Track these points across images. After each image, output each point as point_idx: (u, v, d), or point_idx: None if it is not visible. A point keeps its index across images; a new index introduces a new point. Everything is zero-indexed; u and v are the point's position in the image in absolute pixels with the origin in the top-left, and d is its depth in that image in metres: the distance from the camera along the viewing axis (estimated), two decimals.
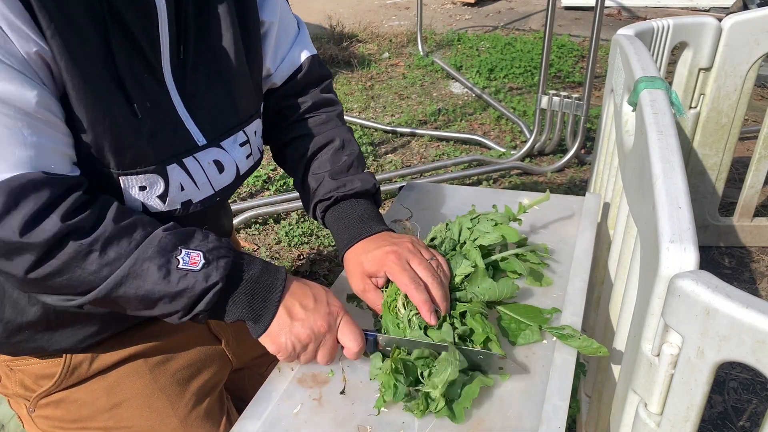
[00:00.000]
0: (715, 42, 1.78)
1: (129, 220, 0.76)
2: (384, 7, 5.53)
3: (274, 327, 0.81)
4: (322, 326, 0.82)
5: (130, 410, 0.96)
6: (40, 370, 0.94)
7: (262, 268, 0.82)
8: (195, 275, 0.76)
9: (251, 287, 0.80)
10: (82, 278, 0.73)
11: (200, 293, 0.76)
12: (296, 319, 0.81)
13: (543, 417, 0.77)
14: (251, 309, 0.80)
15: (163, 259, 0.75)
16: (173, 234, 0.78)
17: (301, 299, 0.83)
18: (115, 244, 0.74)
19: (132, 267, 0.74)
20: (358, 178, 1.00)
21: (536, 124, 2.76)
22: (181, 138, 0.86)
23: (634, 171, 0.98)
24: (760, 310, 0.54)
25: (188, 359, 1.02)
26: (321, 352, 0.84)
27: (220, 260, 0.77)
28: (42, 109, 0.69)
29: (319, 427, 0.78)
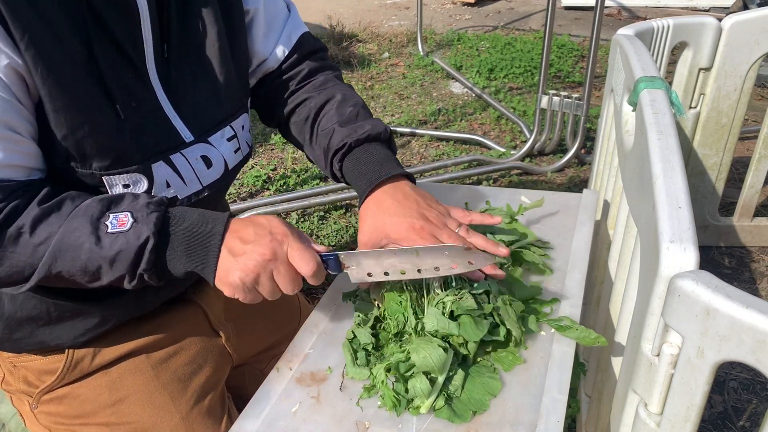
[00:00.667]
0: (715, 42, 1.78)
1: (57, 198, 0.76)
2: (384, 7, 5.53)
3: (221, 269, 0.78)
4: (265, 253, 0.78)
5: (132, 406, 0.96)
6: (42, 366, 0.95)
7: (199, 217, 0.80)
8: (126, 236, 0.75)
9: (188, 237, 0.78)
10: (21, 262, 0.74)
11: (136, 252, 0.75)
12: (238, 254, 0.78)
13: (542, 410, 0.77)
14: (193, 258, 0.78)
15: (92, 226, 0.74)
16: (100, 201, 0.77)
17: (241, 235, 0.79)
18: (44, 222, 0.74)
19: (62, 240, 0.74)
20: (367, 123, 0.98)
21: (536, 124, 2.76)
22: (167, 135, 0.86)
23: (634, 171, 0.98)
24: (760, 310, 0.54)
25: (190, 355, 1.03)
26: (279, 282, 0.80)
27: (150, 215, 0.76)
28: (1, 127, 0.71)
29: (318, 425, 0.78)
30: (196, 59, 0.91)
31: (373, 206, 0.91)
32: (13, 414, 1.17)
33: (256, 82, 1.09)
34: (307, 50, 1.08)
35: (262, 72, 1.07)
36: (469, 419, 0.77)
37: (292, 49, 1.06)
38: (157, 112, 0.86)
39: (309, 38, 1.09)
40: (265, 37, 1.03)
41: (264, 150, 3.00)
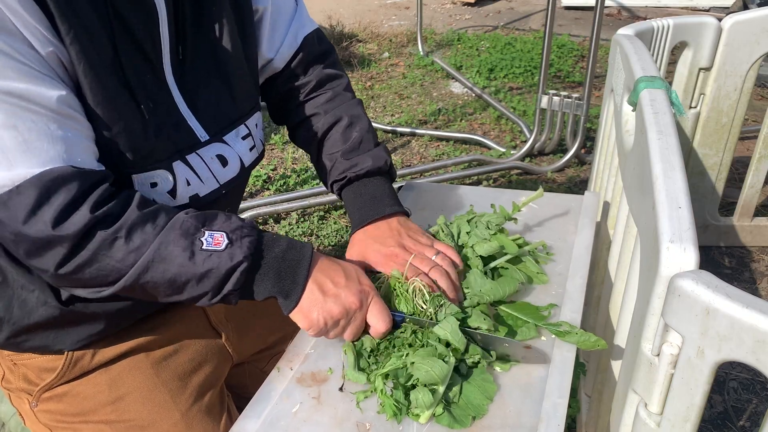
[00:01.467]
0: (715, 42, 1.78)
1: (152, 207, 0.78)
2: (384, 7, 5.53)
3: (305, 302, 0.82)
4: (354, 303, 0.83)
5: (132, 404, 0.97)
6: (42, 364, 0.95)
7: (288, 244, 0.82)
8: (219, 255, 0.76)
9: (277, 264, 0.81)
10: (110, 267, 0.74)
11: (226, 273, 0.76)
12: (328, 295, 0.82)
13: (542, 414, 0.77)
14: (280, 285, 0.81)
15: (187, 241, 0.75)
16: (195, 216, 0.78)
17: (332, 276, 0.83)
18: (140, 230, 0.74)
19: (157, 251, 0.74)
20: (369, 155, 1.02)
21: (536, 124, 2.76)
22: (183, 135, 0.87)
23: (634, 171, 0.98)
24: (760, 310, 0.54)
25: (190, 354, 1.03)
26: (350, 329, 0.85)
27: (244, 239, 0.78)
28: (64, 105, 0.71)
29: (318, 426, 0.78)
30: (210, 59, 0.92)
31: (361, 235, 0.97)
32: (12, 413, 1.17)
33: (264, 81, 1.10)
34: (314, 53, 1.09)
35: (269, 72, 1.08)
36: (469, 424, 0.77)
37: (298, 49, 1.06)
38: (174, 112, 0.87)
39: (315, 38, 1.09)
40: (271, 36, 1.04)
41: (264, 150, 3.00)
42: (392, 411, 0.78)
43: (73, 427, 0.98)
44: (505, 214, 1.07)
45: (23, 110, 0.68)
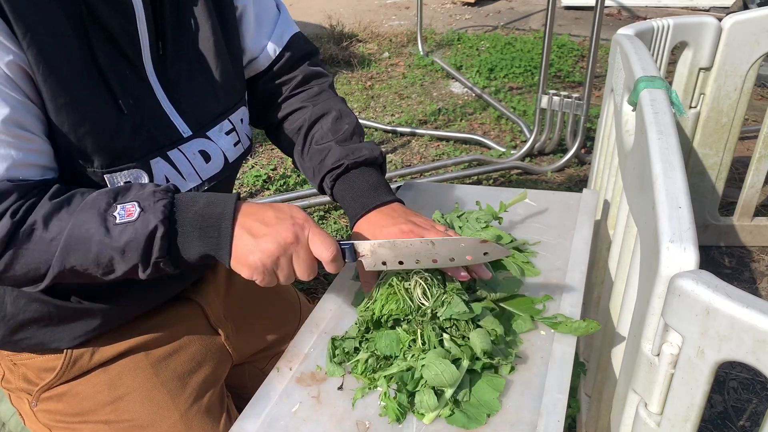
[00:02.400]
0: (715, 42, 1.78)
1: (67, 194, 0.77)
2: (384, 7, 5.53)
3: (238, 250, 0.78)
4: (287, 237, 0.78)
5: (132, 404, 0.97)
6: (42, 364, 0.95)
7: (207, 200, 0.79)
8: (134, 225, 0.74)
9: (198, 221, 0.77)
10: (35, 259, 0.74)
11: (146, 242, 0.74)
12: (258, 236, 0.78)
13: (542, 410, 0.77)
14: (206, 241, 0.78)
15: (100, 218, 0.74)
16: (107, 192, 0.77)
17: (260, 217, 0.79)
18: (56, 217, 0.74)
19: (72, 234, 0.74)
20: (364, 146, 1.00)
21: (536, 124, 2.76)
22: (165, 131, 0.87)
23: (634, 171, 0.98)
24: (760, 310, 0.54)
25: (189, 354, 1.03)
26: (297, 266, 0.81)
27: (157, 203, 0.76)
28: (11, 126, 0.71)
29: (318, 425, 0.78)
30: (192, 54, 0.91)
31: (365, 225, 0.94)
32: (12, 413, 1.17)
33: (247, 80, 1.09)
34: (300, 53, 1.08)
35: (253, 70, 1.07)
36: (484, 422, 0.77)
37: (283, 49, 1.06)
38: (155, 108, 0.86)
39: (301, 39, 1.09)
40: (255, 34, 1.03)
41: (264, 150, 3.00)
42: (395, 415, 0.77)
43: (72, 427, 0.98)
44: (492, 212, 1.08)
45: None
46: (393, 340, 0.83)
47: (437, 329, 0.84)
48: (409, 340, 0.84)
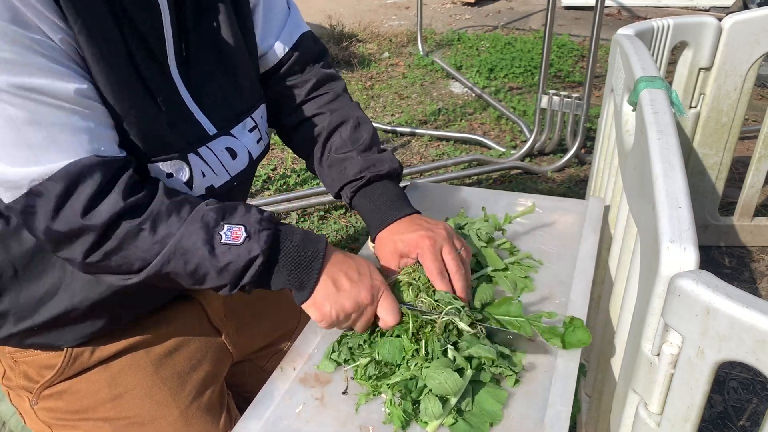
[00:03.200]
0: (715, 41, 1.78)
1: (178, 198, 0.79)
2: (384, 7, 5.53)
3: (318, 295, 0.83)
4: (366, 298, 0.84)
5: (132, 401, 0.97)
6: (42, 361, 0.95)
7: (303, 237, 0.84)
8: (238, 249, 0.78)
9: (293, 257, 0.82)
10: (135, 256, 0.76)
11: (243, 266, 0.78)
12: (342, 289, 0.84)
13: (545, 422, 0.77)
14: (294, 278, 0.82)
15: (207, 235, 0.77)
16: (216, 209, 0.80)
17: (346, 270, 0.85)
18: (165, 221, 0.77)
19: (179, 243, 0.76)
20: (385, 159, 1.03)
21: (536, 124, 2.76)
22: (193, 129, 0.88)
23: (634, 171, 0.98)
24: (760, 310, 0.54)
25: (189, 351, 1.03)
26: (360, 322, 0.87)
27: (261, 233, 0.79)
28: (83, 96, 0.72)
29: (321, 427, 0.78)
30: (214, 55, 0.92)
31: (387, 234, 0.98)
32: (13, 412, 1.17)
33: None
34: (310, 53, 1.08)
35: (261, 67, 1.07)
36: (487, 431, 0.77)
37: (292, 48, 1.06)
38: (182, 107, 0.88)
39: (310, 39, 1.09)
40: (264, 32, 1.03)
41: None
42: (400, 422, 0.77)
43: (72, 424, 0.98)
44: (497, 224, 1.08)
45: (45, 105, 0.69)
46: (396, 347, 0.84)
47: (443, 340, 0.84)
48: (413, 349, 0.83)
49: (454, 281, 0.92)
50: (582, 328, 0.87)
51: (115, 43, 0.77)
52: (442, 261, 0.92)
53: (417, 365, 0.81)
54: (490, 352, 0.81)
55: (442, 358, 0.82)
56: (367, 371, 0.84)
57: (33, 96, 0.68)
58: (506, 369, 0.82)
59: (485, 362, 0.82)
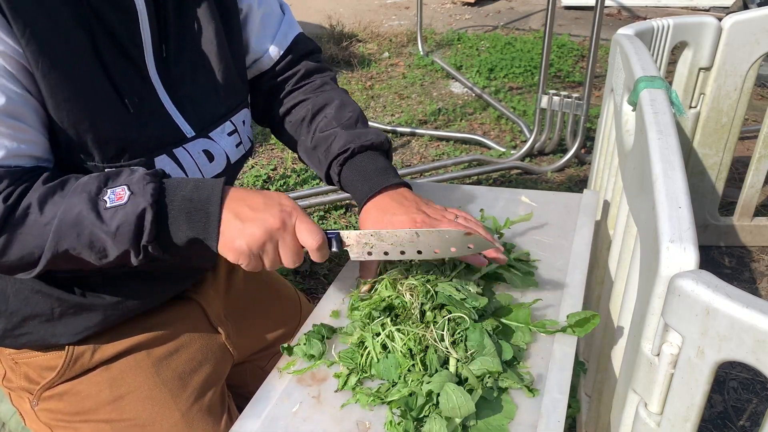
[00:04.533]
0: (715, 41, 1.78)
1: (60, 179, 0.77)
2: (384, 7, 5.53)
3: (225, 233, 0.78)
4: (275, 223, 0.78)
5: (133, 403, 0.97)
6: (43, 362, 0.95)
7: (195, 184, 0.79)
8: (124, 209, 0.74)
9: (186, 204, 0.77)
10: (31, 243, 0.74)
11: (135, 225, 0.74)
12: (246, 220, 0.78)
13: (542, 410, 0.77)
14: (194, 225, 0.77)
15: (91, 203, 0.74)
16: (97, 177, 0.77)
17: (249, 202, 0.79)
18: (49, 201, 0.74)
19: (64, 218, 0.73)
20: (370, 131, 1.01)
21: (536, 124, 2.76)
22: (169, 131, 0.88)
23: (634, 171, 0.98)
24: (760, 310, 0.54)
25: (190, 353, 1.03)
26: (283, 252, 0.81)
27: (146, 187, 0.75)
28: (4, 117, 0.72)
29: (318, 425, 0.78)
30: (195, 56, 0.92)
31: (374, 209, 0.94)
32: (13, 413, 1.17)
33: (251, 80, 1.10)
34: (303, 51, 1.10)
35: (256, 70, 1.08)
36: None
37: (286, 50, 1.07)
38: (159, 108, 0.87)
39: (303, 39, 1.10)
40: (260, 36, 1.04)
41: (264, 150, 3.00)
42: None
43: (73, 426, 0.98)
44: (497, 226, 1.08)
45: None
46: (392, 364, 0.81)
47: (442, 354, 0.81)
48: (409, 365, 0.81)
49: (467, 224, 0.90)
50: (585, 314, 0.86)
51: (79, 46, 0.77)
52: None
53: (415, 380, 0.79)
54: (495, 365, 0.79)
55: (443, 371, 0.79)
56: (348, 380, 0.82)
57: None
58: (514, 382, 0.79)
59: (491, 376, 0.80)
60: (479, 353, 0.81)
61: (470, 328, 0.84)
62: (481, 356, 0.81)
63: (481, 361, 0.80)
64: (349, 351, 0.86)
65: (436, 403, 0.76)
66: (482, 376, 0.80)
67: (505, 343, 0.85)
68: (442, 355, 0.82)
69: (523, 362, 0.84)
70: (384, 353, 0.83)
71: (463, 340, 0.83)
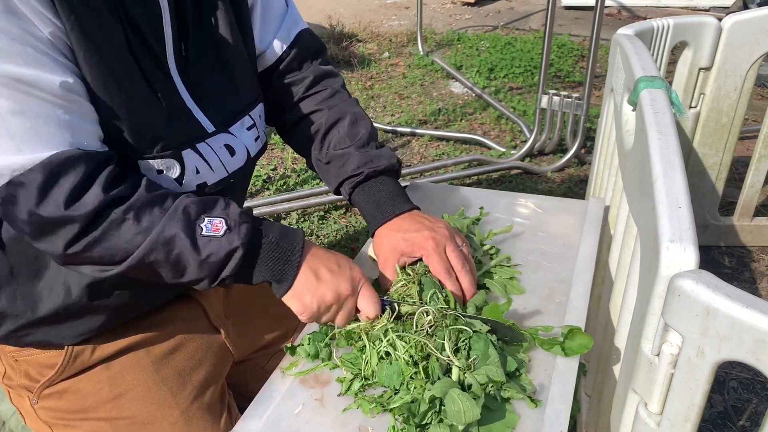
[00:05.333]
0: (715, 41, 1.78)
1: (160, 190, 0.80)
2: (384, 7, 5.53)
3: (299, 287, 0.84)
4: (346, 289, 0.86)
5: (133, 401, 0.97)
6: (43, 360, 0.95)
7: (281, 230, 0.85)
8: (219, 241, 0.78)
9: (272, 249, 0.83)
10: (117, 246, 0.76)
11: (224, 258, 0.79)
12: (322, 280, 0.84)
13: (545, 421, 0.77)
14: (274, 270, 0.83)
15: (189, 227, 0.78)
16: (197, 202, 0.81)
17: (326, 263, 0.86)
18: (148, 212, 0.77)
19: (161, 234, 0.76)
20: (383, 154, 1.04)
21: (536, 124, 2.76)
22: (192, 127, 0.89)
23: (634, 171, 0.98)
24: (760, 310, 0.55)
25: (190, 351, 1.03)
26: (341, 315, 0.87)
27: (241, 226, 0.80)
28: (68, 91, 0.73)
29: (320, 427, 0.78)
30: (213, 54, 0.93)
31: (386, 231, 0.99)
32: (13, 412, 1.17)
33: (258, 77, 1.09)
34: (307, 49, 1.09)
35: (261, 65, 1.08)
36: None
37: (290, 46, 1.06)
38: (180, 105, 0.88)
39: (308, 36, 1.09)
40: (262, 30, 1.04)
41: None
42: None
43: (73, 424, 0.98)
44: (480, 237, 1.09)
45: (31, 96, 0.70)
46: (394, 371, 0.82)
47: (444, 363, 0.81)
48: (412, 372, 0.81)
49: (460, 278, 0.93)
50: (581, 333, 0.85)
51: (116, 38, 0.78)
52: (447, 260, 0.93)
53: (418, 388, 0.79)
54: (499, 374, 0.79)
55: (445, 378, 0.79)
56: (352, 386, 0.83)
57: (19, 86, 0.69)
58: (517, 392, 0.79)
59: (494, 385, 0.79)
60: (483, 362, 0.81)
61: (474, 337, 0.84)
62: (485, 365, 0.81)
63: (484, 370, 0.80)
64: (351, 356, 0.86)
65: (439, 410, 0.76)
66: (485, 385, 0.79)
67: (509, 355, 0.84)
68: (444, 364, 0.81)
69: (525, 374, 0.84)
70: (386, 360, 0.84)
71: (466, 348, 0.83)
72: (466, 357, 0.82)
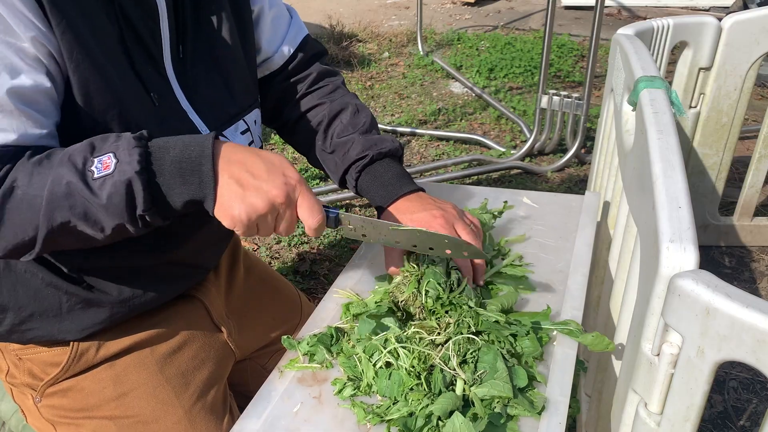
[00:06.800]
0: (715, 41, 1.78)
1: (45, 152, 0.73)
2: (384, 7, 5.53)
3: (224, 197, 0.73)
4: (279, 196, 0.74)
5: (136, 400, 0.97)
6: (48, 358, 0.96)
7: (184, 143, 0.74)
8: (112, 178, 0.70)
9: (176, 164, 0.73)
10: (23, 219, 0.71)
11: (126, 194, 0.70)
12: (248, 187, 0.73)
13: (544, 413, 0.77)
14: (190, 187, 0.73)
15: (79, 173, 0.70)
16: (82, 145, 0.73)
17: (251, 167, 0.74)
18: (36, 173, 0.71)
19: (53, 189, 0.70)
20: (386, 139, 1.05)
21: (536, 124, 2.76)
22: (186, 128, 0.89)
23: (634, 170, 0.98)
24: (760, 310, 0.54)
25: (193, 351, 1.04)
26: (279, 225, 0.78)
27: (132, 152, 0.71)
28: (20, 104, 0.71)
29: (319, 426, 0.78)
30: (210, 56, 0.94)
31: (393, 212, 0.98)
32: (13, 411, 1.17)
33: (261, 79, 1.12)
34: (311, 52, 1.13)
35: (267, 69, 1.10)
36: None
37: (296, 49, 1.10)
38: (176, 106, 0.88)
39: (311, 40, 1.14)
40: (271, 36, 1.07)
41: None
42: None
43: (76, 422, 0.98)
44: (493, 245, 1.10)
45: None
46: (395, 382, 0.79)
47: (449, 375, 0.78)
48: (413, 383, 0.78)
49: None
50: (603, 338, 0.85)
51: (110, 39, 0.78)
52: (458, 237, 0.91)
53: (416, 401, 0.76)
54: (506, 390, 0.75)
55: (447, 393, 0.76)
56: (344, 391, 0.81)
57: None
58: (524, 410, 0.76)
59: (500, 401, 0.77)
60: (490, 376, 0.78)
61: (484, 349, 0.80)
62: (492, 380, 0.77)
63: (491, 384, 0.76)
64: (351, 362, 0.84)
65: (436, 425, 0.74)
66: (490, 400, 0.76)
67: (521, 369, 0.80)
68: (449, 376, 0.78)
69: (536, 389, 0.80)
70: (387, 371, 0.81)
71: (474, 361, 0.80)
72: (472, 371, 0.79)
